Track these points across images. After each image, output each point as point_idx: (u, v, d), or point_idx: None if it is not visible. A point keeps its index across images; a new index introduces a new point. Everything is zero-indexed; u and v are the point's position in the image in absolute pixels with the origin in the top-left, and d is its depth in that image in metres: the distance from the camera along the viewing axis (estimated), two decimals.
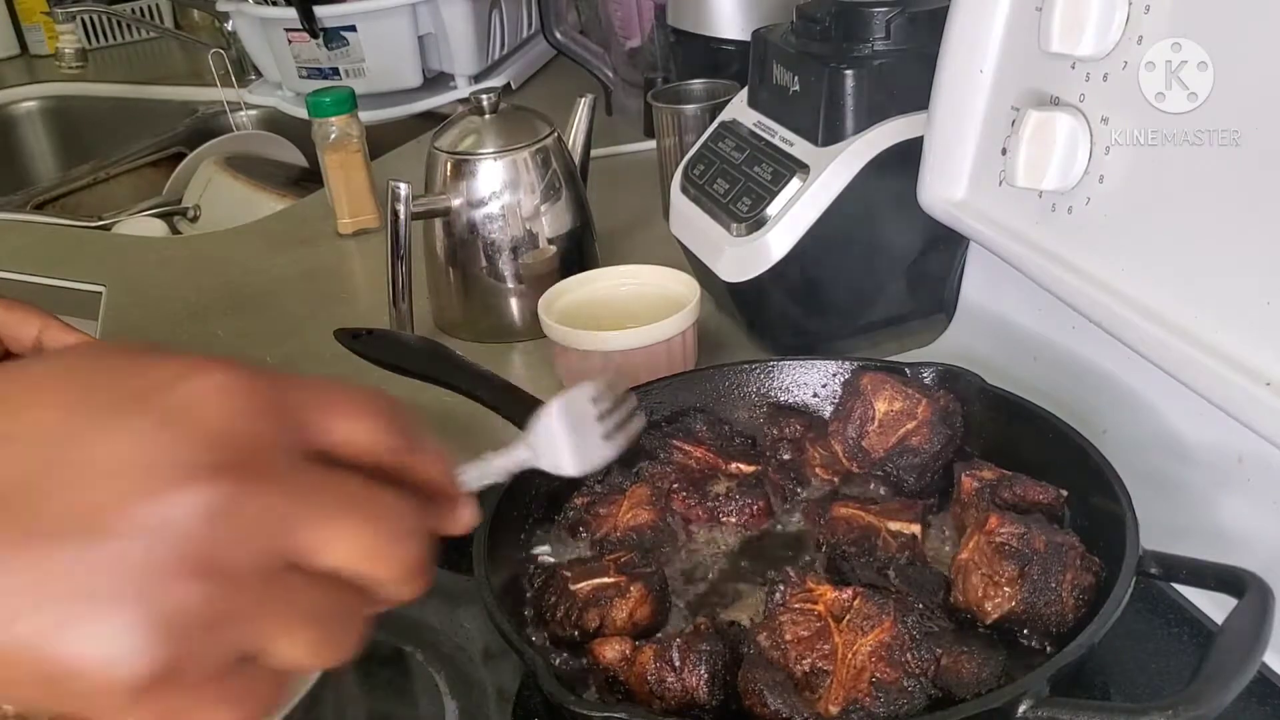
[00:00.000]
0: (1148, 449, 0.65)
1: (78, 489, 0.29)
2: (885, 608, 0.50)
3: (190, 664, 0.29)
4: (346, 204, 1.22)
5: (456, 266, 0.97)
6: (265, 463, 0.31)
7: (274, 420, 0.32)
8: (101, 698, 0.28)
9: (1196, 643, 0.57)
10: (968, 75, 0.72)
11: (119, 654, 0.28)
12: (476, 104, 0.96)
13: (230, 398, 0.31)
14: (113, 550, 0.28)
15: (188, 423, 0.30)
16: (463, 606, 0.65)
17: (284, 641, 0.31)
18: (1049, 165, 0.64)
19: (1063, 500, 0.59)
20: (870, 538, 0.60)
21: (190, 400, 0.30)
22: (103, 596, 0.28)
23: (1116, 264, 0.63)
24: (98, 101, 1.98)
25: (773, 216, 0.81)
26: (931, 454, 0.64)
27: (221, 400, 0.31)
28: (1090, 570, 0.53)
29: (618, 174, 1.27)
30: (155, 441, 0.29)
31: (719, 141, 0.90)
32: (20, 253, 1.29)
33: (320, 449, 0.33)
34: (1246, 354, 0.56)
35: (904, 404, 0.65)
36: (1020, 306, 0.77)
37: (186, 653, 0.29)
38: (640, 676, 0.51)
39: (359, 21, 1.53)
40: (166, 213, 1.55)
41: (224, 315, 1.09)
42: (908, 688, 0.48)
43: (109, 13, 2.14)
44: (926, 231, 0.81)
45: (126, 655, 0.28)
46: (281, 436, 0.32)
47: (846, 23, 0.80)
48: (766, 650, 0.51)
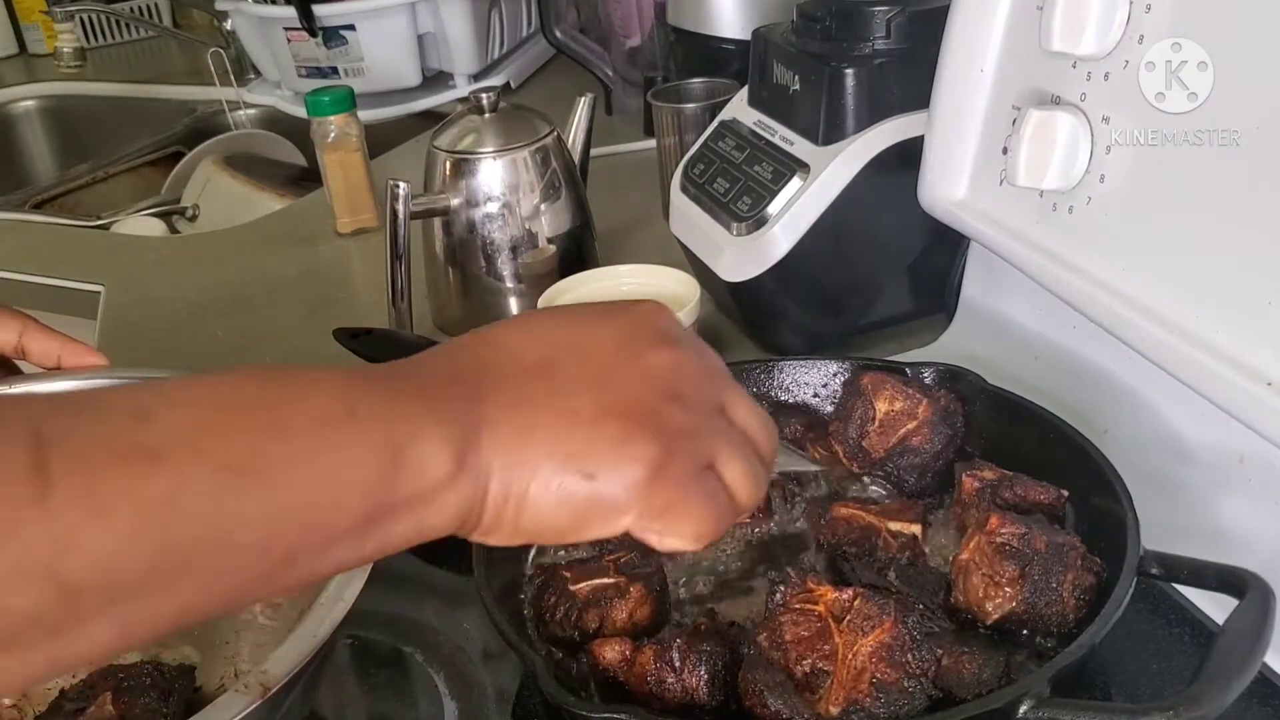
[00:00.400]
0: (1148, 449, 0.65)
1: (586, 361, 0.42)
2: (886, 608, 0.50)
3: (674, 461, 0.41)
4: (346, 203, 1.22)
5: (456, 266, 0.97)
6: (689, 344, 0.46)
7: (691, 340, 0.46)
8: (620, 493, 0.40)
9: (1197, 643, 0.57)
10: (968, 74, 0.72)
11: (635, 455, 0.41)
12: (476, 103, 0.96)
13: (664, 311, 0.46)
14: (619, 392, 0.42)
15: (647, 321, 0.45)
16: (462, 607, 0.65)
17: (727, 459, 0.44)
18: (1050, 165, 0.64)
19: (1064, 500, 0.59)
20: (870, 538, 0.59)
21: (643, 312, 0.46)
22: (619, 417, 0.41)
23: (1117, 263, 0.63)
24: (96, 101, 1.98)
25: (773, 216, 0.80)
26: (932, 454, 0.64)
27: (660, 312, 0.46)
28: (1091, 570, 0.53)
29: (617, 173, 1.27)
30: (630, 332, 0.44)
31: (719, 141, 0.90)
32: (19, 252, 1.29)
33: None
34: (1247, 354, 0.56)
35: (904, 404, 0.65)
36: (1021, 306, 0.77)
37: (671, 451, 0.41)
38: (640, 677, 0.51)
39: (358, 20, 1.53)
40: (165, 212, 1.54)
41: (223, 315, 1.09)
42: (908, 688, 0.48)
43: (108, 12, 2.14)
44: (927, 231, 0.81)
45: (639, 454, 0.41)
46: (689, 337, 0.47)
47: (847, 22, 0.80)
48: (766, 651, 0.51)
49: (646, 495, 0.41)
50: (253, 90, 1.76)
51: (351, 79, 1.54)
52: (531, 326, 0.45)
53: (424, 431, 0.38)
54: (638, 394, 0.42)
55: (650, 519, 0.41)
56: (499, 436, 0.39)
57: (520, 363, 0.42)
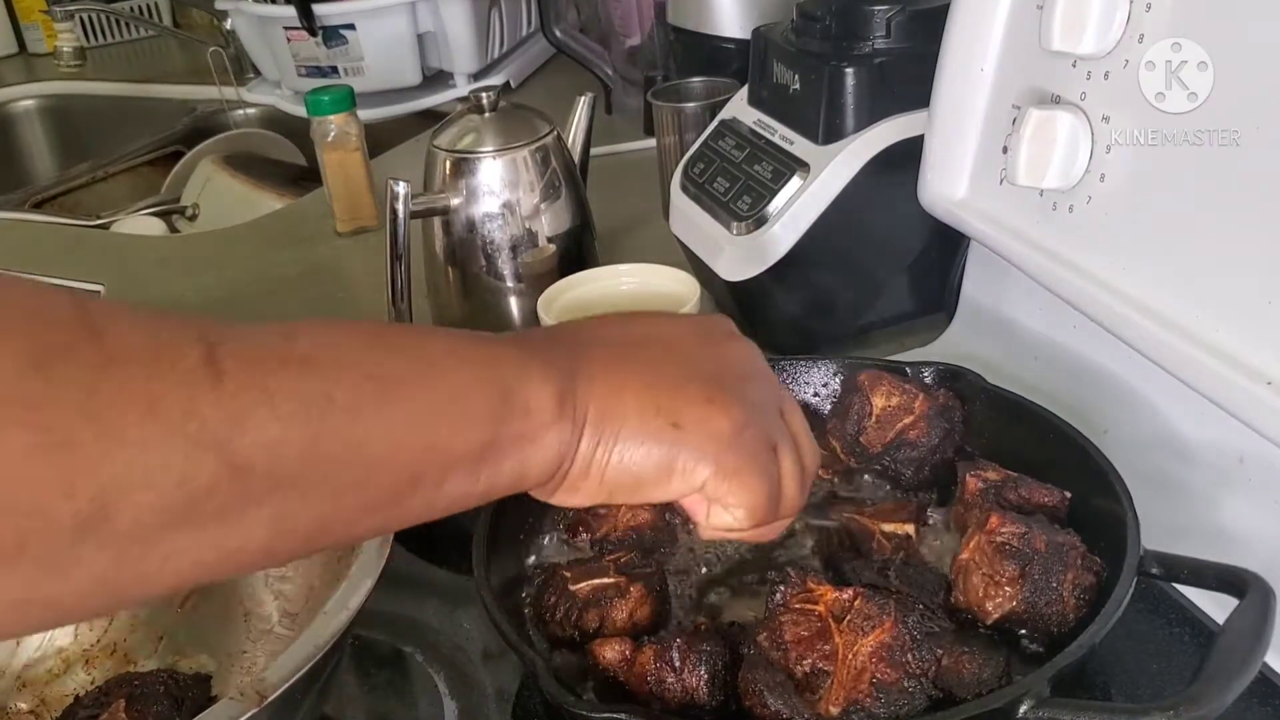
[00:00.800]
0: (1149, 448, 0.65)
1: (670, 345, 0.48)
2: (886, 608, 0.50)
3: (751, 426, 0.46)
4: (345, 203, 1.22)
5: (455, 265, 0.97)
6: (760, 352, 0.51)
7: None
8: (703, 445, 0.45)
9: (1198, 643, 0.57)
10: (968, 73, 0.72)
11: (719, 412, 0.45)
12: (476, 102, 0.95)
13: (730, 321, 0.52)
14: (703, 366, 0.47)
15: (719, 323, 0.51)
16: (462, 607, 0.65)
17: (785, 451, 0.48)
18: (1050, 164, 0.64)
19: (1067, 502, 0.58)
20: (865, 541, 0.60)
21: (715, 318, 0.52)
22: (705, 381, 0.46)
23: (1117, 263, 0.63)
24: (96, 100, 1.98)
25: (773, 215, 0.80)
26: (929, 448, 0.64)
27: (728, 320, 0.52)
28: (1091, 570, 0.53)
29: (617, 173, 1.26)
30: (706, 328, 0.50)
31: (719, 140, 0.90)
32: (19, 252, 1.29)
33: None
34: (1247, 353, 0.56)
35: (901, 399, 0.65)
36: (1021, 305, 0.77)
37: (749, 417, 0.46)
38: (640, 677, 0.51)
39: (358, 20, 1.53)
40: (165, 211, 1.54)
41: (223, 314, 1.08)
42: (908, 688, 0.48)
43: (107, 11, 2.14)
44: (927, 231, 0.81)
45: (723, 412, 0.45)
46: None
47: (847, 21, 0.80)
48: (767, 650, 0.51)
49: (723, 453, 0.45)
50: (253, 90, 1.76)
51: (351, 78, 1.54)
52: (610, 321, 0.50)
53: (529, 373, 0.42)
54: (718, 369, 0.47)
55: (721, 479, 0.45)
56: (594, 388, 0.43)
57: (611, 339, 0.47)
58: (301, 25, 1.52)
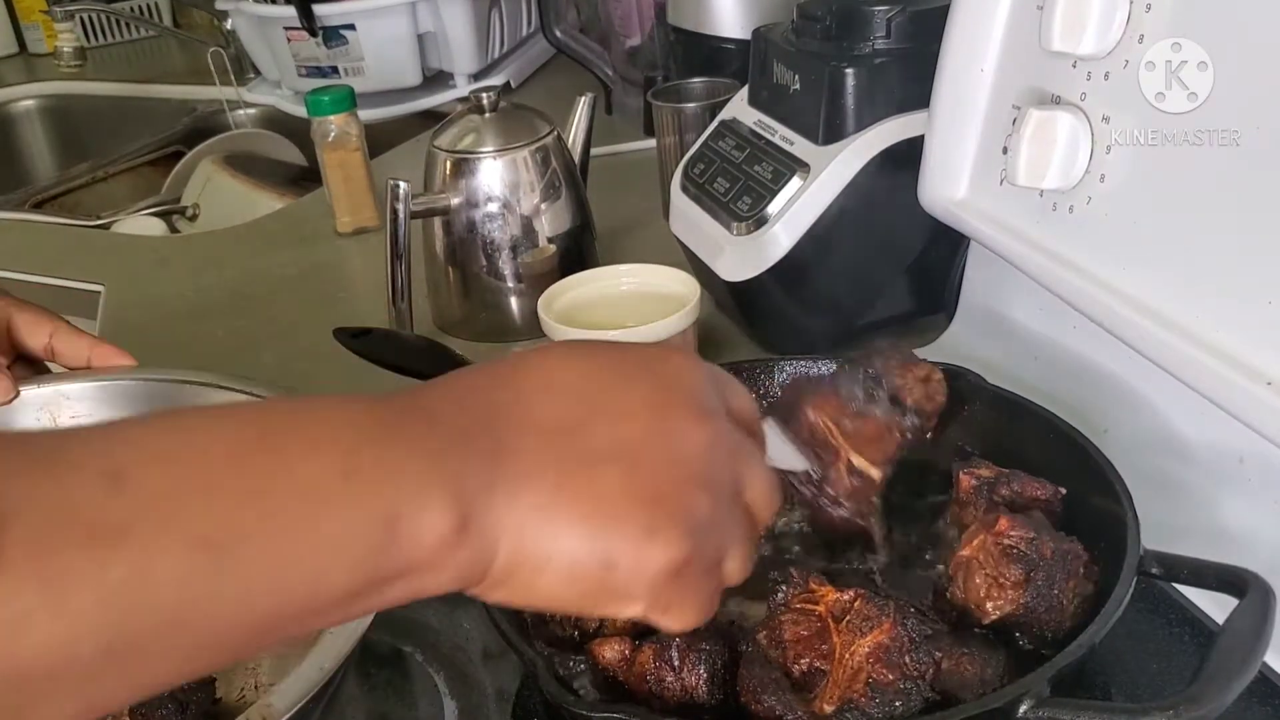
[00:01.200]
0: (1148, 448, 0.65)
1: (615, 427, 0.39)
2: (886, 609, 0.50)
3: (694, 561, 0.39)
4: (346, 203, 1.22)
5: (456, 265, 0.97)
6: (721, 415, 0.42)
7: (716, 387, 0.43)
8: (636, 586, 0.38)
9: (1198, 643, 0.57)
10: (969, 74, 0.72)
11: (658, 553, 0.38)
12: (476, 102, 0.96)
13: (697, 368, 0.43)
14: (649, 472, 0.39)
15: (680, 384, 0.41)
16: (461, 607, 0.65)
17: (734, 554, 0.42)
18: (1050, 164, 0.64)
19: (1061, 497, 0.58)
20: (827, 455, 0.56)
21: (678, 369, 0.42)
22: (648, 504, 0.38)
23: (1117, 263, 0.63)
24: (96, 100, 1.98)
25: (773, 215, 0.80)
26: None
27: (694, 370, 0.43)
28: (1091, 579, 0.53)
29: (617, 173, 1.26)
30: (663, 398, 0.41)
31: (719, 140, 0.90)
32: (19, 252, 1.29)
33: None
34: (1247, 354, 0.56)
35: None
36: (1021, 306, 0.77)
37: (696, 548, 0.39)
38: (640, 676, 0.51)
39: (358, 20, 1.53)
40: (165, 211, 1.54)
41: (223, 314, 1.09)
42: (904, 690, 0.48)
43: (108, 11, 2.14)
44: (927, 231, 0.81)
45: (663, 553, 0.38)
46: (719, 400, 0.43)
47: (847, 21, 0.80)
48: (765, 649, 0.51)
49: (657, 592, 0.39)
50: (253, 90, 1.76)
51: (351, 78, 1.54)
52: (552, 375, 0.40)
53: (426, 497, 0.35)
54: (668, 478, 0.39)
55: (656, 613, 0.40)
56: (516, 505, 0.37)
57: (542, 421, 0.39)
58: (301, 25, 1.52)
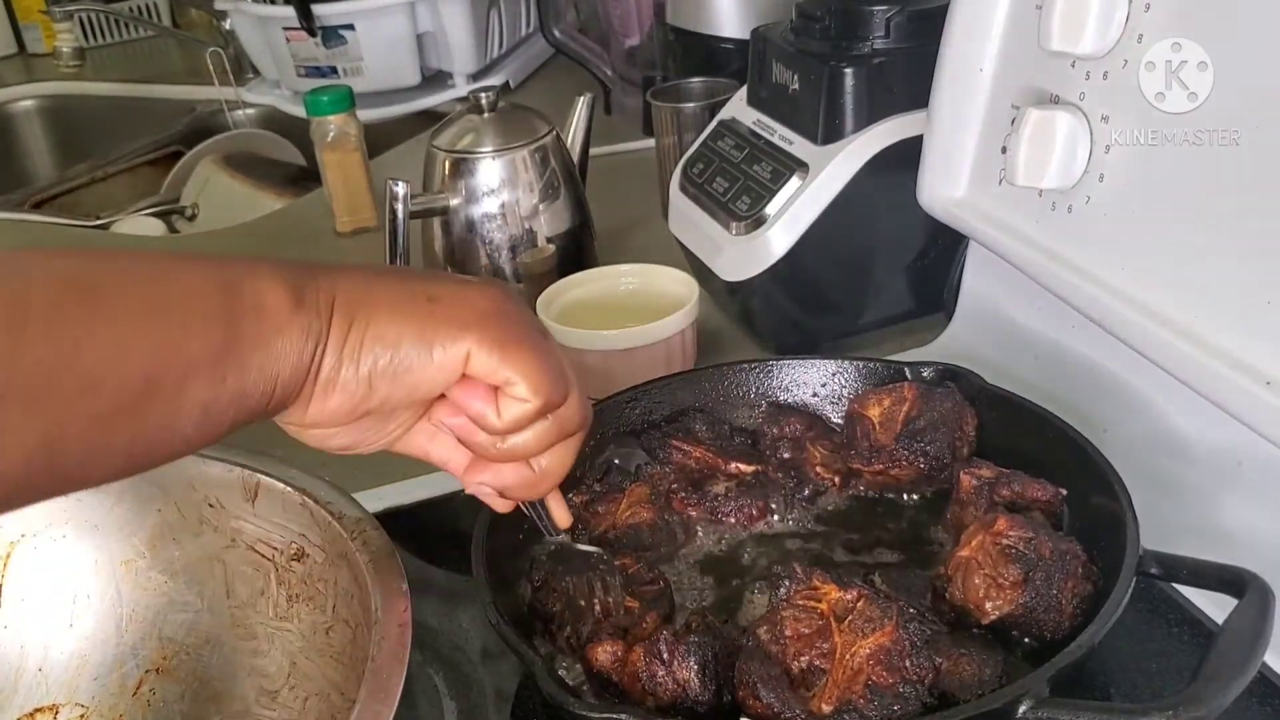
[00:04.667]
0: (1148, 448, 0.65)
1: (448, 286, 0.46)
2: (888, 611, 0.50)
3: (515, 309, 0.46)
4: (345, 203, 1.22)
5: (455, 265, 0.97)
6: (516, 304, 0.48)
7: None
8: (462, 313, 0.44)
9: (1197, 643, 0.57)
10: (968, 73, 0.72)
11: (476, 289, 0.46)
12: (475, 102, 0.96)
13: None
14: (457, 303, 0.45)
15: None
16: (461, 607, 0.65)
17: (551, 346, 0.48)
18: (1049, 164, 0.64)
19: (1061, 498, 0.58)
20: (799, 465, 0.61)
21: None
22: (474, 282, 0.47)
23: (1116, 263, 0.63)
24: (95, 100, 1.97)
25: (772, 215, 0.80)
26: (939, 416, 0.64)
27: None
28: (1090, 580, 0.53)
29: (617, 173, 1.26)
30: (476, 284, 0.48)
31: (718, 140, 0.90)
32: None
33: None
34: (1246, 354, 0.56)
35: (891, 397, 0.66)
36: (1020, 305, 0.77)
37: (514, 303, 0.47)
38: (633, 675, 0.51)
39: (357, 20, 1.53)
40: (164, 212, 1.54)
41: None
42: (903, 693, 0.48)
43: (107, 11, 2.14)
44: (926, 230, 0.81)
45: (480, 290, 0.46)
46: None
47: (846, 21, 0.80)
48: (766, 644, 0.51)
49: (485, 323, 0.44)
50: (252, 90, 1.76)
51: (350, 78, 1.54)
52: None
53: (258, 272, 0.41)
54: (473, 309, 0.46)
55: (488, 351, 0.44)
56: (339, 281, 0.43)
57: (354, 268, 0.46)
58: (301, 25, 1.51)
